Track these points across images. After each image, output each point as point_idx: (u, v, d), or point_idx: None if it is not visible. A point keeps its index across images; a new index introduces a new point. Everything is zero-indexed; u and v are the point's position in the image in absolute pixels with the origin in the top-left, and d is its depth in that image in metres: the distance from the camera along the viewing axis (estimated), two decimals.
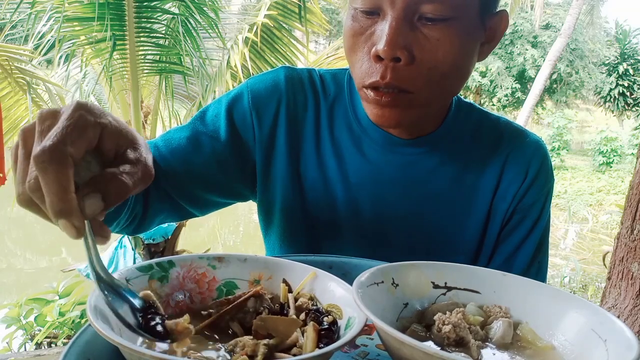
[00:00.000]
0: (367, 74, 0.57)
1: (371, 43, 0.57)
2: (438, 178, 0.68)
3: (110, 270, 0.39)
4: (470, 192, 0.69)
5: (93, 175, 0.37)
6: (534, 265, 0.70)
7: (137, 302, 0.39)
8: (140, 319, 0.38)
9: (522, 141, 0.70)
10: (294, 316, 0.43)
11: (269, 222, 0.74)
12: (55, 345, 2.60)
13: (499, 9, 0.62)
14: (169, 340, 0.37)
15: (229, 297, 0.45)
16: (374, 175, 0.68)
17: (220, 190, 0.71)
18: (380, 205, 0.68)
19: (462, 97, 0.72)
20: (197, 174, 0.67)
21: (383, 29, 0.55)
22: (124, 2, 2.48)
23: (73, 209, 0.34)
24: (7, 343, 2.62)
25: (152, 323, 0.37)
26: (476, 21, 0.58)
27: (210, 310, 0.44)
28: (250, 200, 0.76)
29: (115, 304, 0.37)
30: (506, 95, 15.96)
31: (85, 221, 0.35)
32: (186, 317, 0.39)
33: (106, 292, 0.37)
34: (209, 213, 0.74)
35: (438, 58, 0.56)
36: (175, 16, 2.68)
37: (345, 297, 0.44)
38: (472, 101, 0.74)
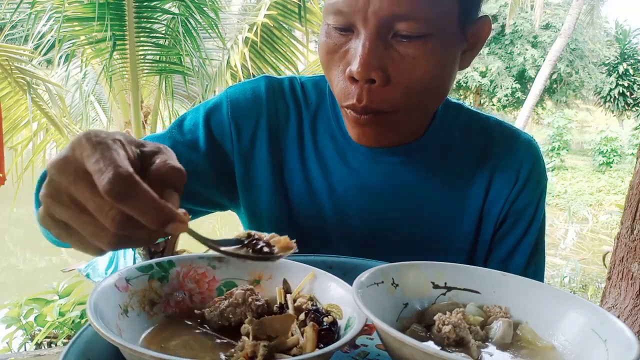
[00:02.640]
0: (344, 95, 0.56)
1: (346, 62, 0.55)
2: (426, 185, 0.66)
3: (110, 271, 0.39)
4: (460, 197, 0.67)
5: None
6: (530, 267, 0.68)
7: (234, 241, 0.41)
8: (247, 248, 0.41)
9: (513, 142, 0.68)
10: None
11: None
12: (55, 345, 2.60)
13: (481, 15, 0.59)
14: (277, 253, 0.40)
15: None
16: (360, 184, 0.66)
17: (196, 200, 0.68)
18: (367, 214, 0.66)
19: (452, 98, 0.70)
20: None
21: (357, 48, 0.53)
22: (124, 2, 2.48)
23: (172, 209, 0.34)
24: (7, 343, 2.62)
25: (258, 247, 0.41)
26: (456, 32, 0.56)
27: (204, 310, 0.44)
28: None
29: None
30: (506, 95, 15.95)
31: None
32: (286, 237, 0.42)
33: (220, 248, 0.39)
34: None
35: (415, 77, 0.54)
36: (175, 16, 2.68)
37: (345, 297, 0.44)
38: (460, 101, 0.72)
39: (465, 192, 0.67)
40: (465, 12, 0.56)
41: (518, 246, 0.68)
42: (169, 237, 2.98)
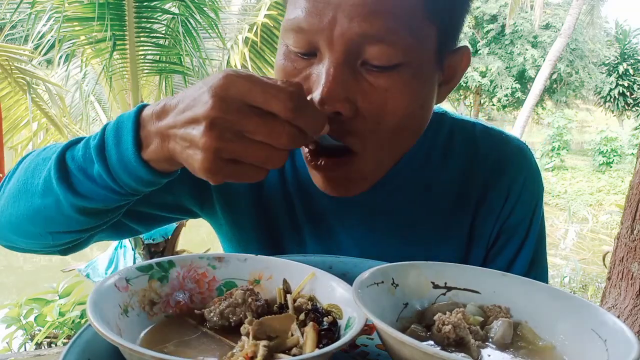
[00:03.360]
0: None
1: (307, 89, 0.46)
2: (409, 205, 0.60)
3: (110, 271, 0.39)
4: (447, 217, 0.60)
5: None
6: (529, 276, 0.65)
7: None
8: None
9: (502, 152, 0.61)
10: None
11: (233, 241, 0.66)
12: (55, 345, 2.60)
13: (459, 45, 0.52)
14: None
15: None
16: (339, 206, 0.60)
17: (167, 208, 0.63)
18: (347, 236, 0.61)
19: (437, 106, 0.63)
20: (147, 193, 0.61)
21: (320, 75, 0.45)
22: (124, 2, 2.48)
23: (326, 115, 0.42)
24: (7, 343, 2.62)
25: None
26: (432, 63, 0.49)
27: (204, 310, 0.44)
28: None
29: None
30: (506, 95, 15.96)
31: None
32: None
33: None
34: (154, 229, 0.67)
35: (386, 111, 0.46)
36: (175, 16, 2.68)
37: (345, 297, 0.44)
38: (444, 109, 0.64)
39: (451, 211, 0.61)
40: (443, 40, 0.49)
41: (513, 262, 0.63)
42: (169, 237, 2.99)
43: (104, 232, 0.58)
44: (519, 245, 0.63)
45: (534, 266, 0.64)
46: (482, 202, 0.61)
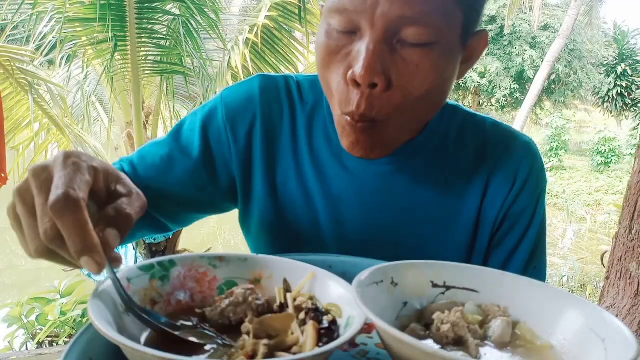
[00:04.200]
0: (344, 101, 0.53)
1: (347, 64, 0.52)
2: (420, 187, 0.64)
3: None
4: (456, 199, 0.65)
5: (94, 214, 0.40)
6: (529, 270, 0.67)
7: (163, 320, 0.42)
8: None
9: (511, 144, 0.66)
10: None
11: (250, 236, 0.71)
12: (57, 344, 2.61)
13: (479, 29, 0.58)
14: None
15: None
16: (355, 185, 0.65)
17: (198, 207, 0.69)
18: (362, 215, 0.65)
19: (449, 100, 0.69)
20: (172, 192, 0.65)
21: (360, 51, 0.50)
22: (125, 3, 2.48)
23: (96, 245, 0.37)
24: (8, 342, 2.62)
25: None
26: (457, 43, 0.55)
27: (205, 309, 0.45)
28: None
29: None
30: (505, 96, 15.96)
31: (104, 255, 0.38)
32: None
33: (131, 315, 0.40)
34: (189, 225, 0.74)
35: (415, 84, 0.52)
36: (176, 17, 2.68)
37: (345, 296, 0.44)
38: (457, 103, 0.70)
39: (461, 194, 0.65)
40: (468, 23, 0.54)
41: (515, 251, 0.66)
42: (170, 237, 2.99)
43: (144, 230, 0.68)
44: (522, 233, 0.66)
45: (535, 257, 0.66)
46: (489, 186, 0.65)
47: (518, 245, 0.66)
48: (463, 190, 0.65)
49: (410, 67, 0.52)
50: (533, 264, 0.67)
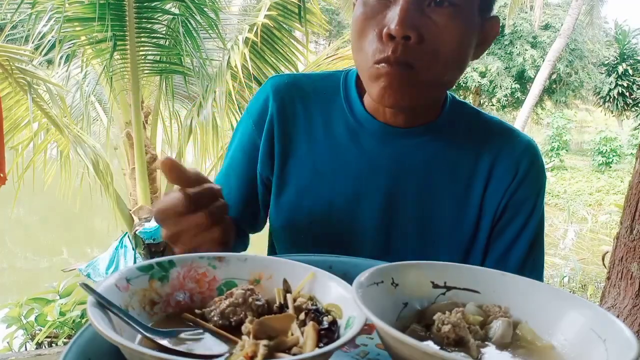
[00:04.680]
0: (378, 51, 0.60)
1: (382, 26, 0.60)
2: (433, 169, 0.70)
3: (110, 270, 0.40)
4: (464, 184, 0.70)
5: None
6: (528, 261, 0.70)
7: None
8: None
9: (513, 139, 0.72)
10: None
11: (272, 229, 0.77)
12: (56, 344, 2.61)
13: (493, 15, 0.66)
14: None
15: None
16: (370, 165, 0.69)
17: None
18: (377, 196, 0.69)
19: (456, 96, 0.75)
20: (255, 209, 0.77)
21: (394, 12, 0.58)
22: (124, 2, 2.48)
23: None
24: (7, 343, 2.62)
25: None
26: (476, 17, 0.63)
27: (205, 310, 0.45)
28: None
29: None
30: (505, 96, 15.96)
31: None
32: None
33: None
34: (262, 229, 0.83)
35: (443, 41, 0.60)
36: (176, 16, 2.68)
37: (345, 297, 0.44)
38: (465, 100, 0.77)
39: (468, 179, 0.70)
40: (484, 3, 0.63)
41: (516, 240, 0.70)
42: None
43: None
44: (522, 224, 0.70)
45: (534, 249, 0.71)
46: (492, 175, 0.70)
47: (519, 234, 0.70)
48: (469, 176, 0.70)
49: (439, 26, 0.59)
50: (532, 255, 0.70)
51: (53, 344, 2.62)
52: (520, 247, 0.70)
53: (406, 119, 0.68)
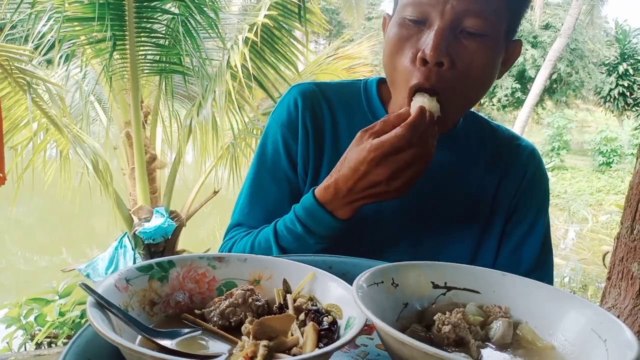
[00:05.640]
0: (412, 75, 0.64)
1: (416, 49, 0.63)
2: (449, 174, 0.75)
3: (110, 271, 0.39)
4: (476, 189, 0.76)
5: None
6: (541, 261, 0.75)
7: None
8: None
9: (520, 148, 0.79)
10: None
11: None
12: (56, 345, 2.61)
13: (516, 38, 0.70)
14: None
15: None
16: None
17: None
18: (398, 200, 0.72)
19: None
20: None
21: (429, 37, 0.62)
22: (124, 2, 2.48)
23: None
24: (7, 343, 2.62)
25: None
26: (502, 42, 0.67)
27: (205, 310, 0.44)
28: None
29: None
30: (506, 95, 15.96)
31: None
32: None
33: None
34: None
35: (472, 68, 0.64)
36: (176, 16, 2.68)
37: (345, 297, 0.44)
38: (473, 110, 0.81)
39: (480, 184, 0.76)
40: (510, 26, 0.67)
41: (529, 234, 0.75)
42: (169, 237, 2.99)
43: None
44: (533, 219, 0.76)
45: (546, 243, 0.76)
46: (502, 180, 0.76)
47: (528, 235, 0.75)
48: (482, 181, 0.76)
49: (470, 52, 0.63)
50: (544, 257, 0.76)
51: (52, 344, 2.62)
52: (532, 246, 0.75)
53: None
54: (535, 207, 0.77)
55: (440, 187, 0.75)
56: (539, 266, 0.74)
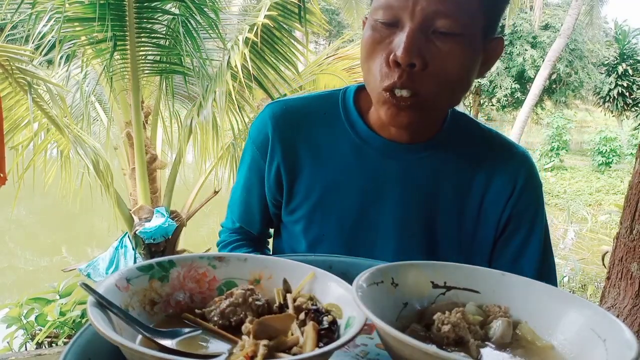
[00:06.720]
0: (386, 77, 0.63)
1: (389, 51, 0.62)
2: (436, 181, 0.73)
3: (111, 270, 0.40)
4: (463, 194, 0.73)
5: None
6: (544, 268, 0.73)
7: None
8: None
9: (510, 152, 0.75)
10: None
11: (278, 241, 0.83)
12: (56, 344, 2.61)
13: (497, 35, 0.68)
14: None
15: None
16: (377, 179, 0.72)
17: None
18: (383, 207, 0.72)
19: (456, 108, 0.77)
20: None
21: (401, 39, 0.61)
22: (124, 2, 2.48)
23: None
24: (7, 343, 2.62)
25: None
26: (479, 41, 0.64)
27: (205, 310, 0.44)
28: None
29: None
30: (505, 96, 15.95)
31: None
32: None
33: None
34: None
35: (446, 68, 0.62)
36: (176, 17, 2.68)
37: (345, 297, 0.44)
38: (464, 111, 0.80)
39: (467, 190, 0.73)
40: (487, 25, 0.65)
41: (525, 248, 0.73)
42: (170, 237, 2.99)
43: None
44: (528, 229, 0.73)
45: (547, 251, 0.74)
46: (490, 186, 0.73)
47: (526, 243, 0.73)
48: (468, 187, 0.73)
49: (443, 53, 0.62)
50: (546, 263, 0.74)
51: (53, 344, 2.62)
52: (532, 255, 0.73)
53: (410, 135, 0.71)
54: (529, 215, 0.73)
55: (427, 198, 0.72)
56: (541, 276, 0.71)
